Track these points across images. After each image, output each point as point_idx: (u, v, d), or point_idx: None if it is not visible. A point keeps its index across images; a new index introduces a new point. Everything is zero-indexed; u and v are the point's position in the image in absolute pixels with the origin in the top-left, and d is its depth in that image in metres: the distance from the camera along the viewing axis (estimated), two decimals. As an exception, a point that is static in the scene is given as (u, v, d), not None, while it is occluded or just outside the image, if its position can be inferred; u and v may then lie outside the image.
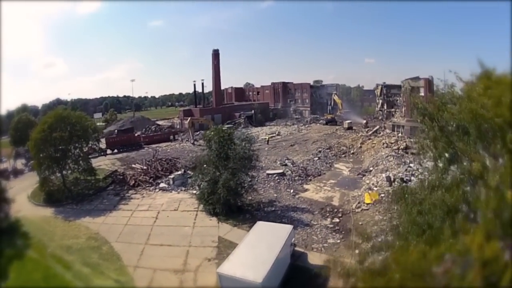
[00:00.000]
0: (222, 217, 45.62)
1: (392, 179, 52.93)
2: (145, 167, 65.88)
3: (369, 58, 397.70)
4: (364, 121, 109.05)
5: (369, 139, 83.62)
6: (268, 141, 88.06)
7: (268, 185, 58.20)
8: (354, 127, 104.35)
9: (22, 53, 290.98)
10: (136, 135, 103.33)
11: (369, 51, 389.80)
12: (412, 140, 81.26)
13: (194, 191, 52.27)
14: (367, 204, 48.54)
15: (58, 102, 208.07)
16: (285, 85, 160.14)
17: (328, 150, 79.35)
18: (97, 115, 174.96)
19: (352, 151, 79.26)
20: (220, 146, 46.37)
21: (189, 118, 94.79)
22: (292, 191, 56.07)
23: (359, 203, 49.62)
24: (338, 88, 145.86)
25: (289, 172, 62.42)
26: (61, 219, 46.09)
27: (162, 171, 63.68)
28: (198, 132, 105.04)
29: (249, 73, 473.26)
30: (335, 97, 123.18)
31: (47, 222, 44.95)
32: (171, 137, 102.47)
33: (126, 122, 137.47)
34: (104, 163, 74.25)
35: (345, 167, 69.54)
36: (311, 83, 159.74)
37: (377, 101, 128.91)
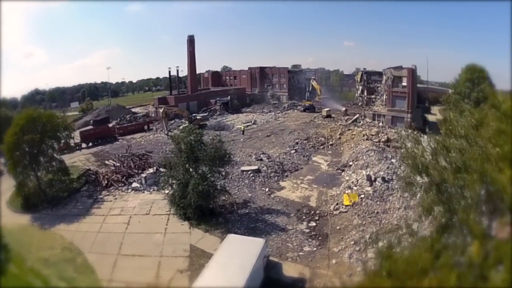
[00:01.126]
0: (194, 221, 43.42)
1: (373, 178, 50.45)
2: (118, 164, 63.76)
3: (349, 41, 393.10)
4: (344, 109, 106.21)
5: (349, 129, 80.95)
6: (243, 131, 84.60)
7: (243, 183, 55.28)
8: (333, 115, 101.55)
9: (2, 45, 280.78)
10: (110, 126, 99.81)
11: (349, 34, 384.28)
12: (393, 131, 79.38)
13: (167, 191, 49.35)
14: (346, 206, 46.23)
15: (36, 93, 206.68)
16: (262, 70, 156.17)
17: (306, 141, 76.48)
18: (74, 104, 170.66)
19: (330, 143, 76.62)
20: (189, 148, 43.14)
21: (163, 108, 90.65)
22: (267, 190, 53.41)
23: (337, 204, 47.38)
24: (316, 73, 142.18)
25: (265, 168, 59.41)
26: (37, 227, 45.22)
27: (135, 168, 61.36)
28: (173, 121, 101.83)
29: (228, 57, 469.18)
30: (314, 83, 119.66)
31: (24, 231, 43.93)
32: (146, 127, 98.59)
33: (101, 111, 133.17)
34: (79, 159, 71.34)
35: (323, 161, 67.11)
36: (289, 68, 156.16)
37: (357, 87, 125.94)
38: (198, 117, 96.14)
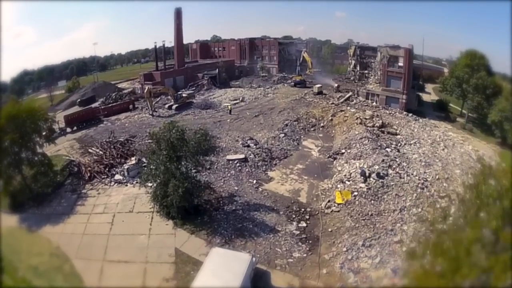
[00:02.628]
0: (178, 221, 41.19)
1: (367, 174, 47.82)
2: (100, 152, 61.50)
3: (340, 11, 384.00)
4: (336, 85, 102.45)
5: (341, 110, 77.69)
6: (230, 110, 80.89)
7: (229, 174, 52.31)
8: (324, 91, 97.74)
9: None
10: (94, 107, 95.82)
11: (341, 5, 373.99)
12: (387, 112, 76.65)
13: (150, 184, 45.56)
14: (338, 204, 43.64)
15: (25, 74, 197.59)
16: (252, 41, 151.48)
17: (296, 123, 73.36)
18: (61, 83, 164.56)
19: (321, 124, 73.64)
20: (170, 147, 39.87)
21: (147, 88, 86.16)
22: (255, 182, 50.63)
23: (329, 201, 44.84)
24: (308, 45, 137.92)
25: (252, 156, 56.38)
26: (25, 230, 44.41)
27: (118, 158, 59.10)
28: (159, 98, 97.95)
29: (217, 26, 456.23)
30: (305, 55, 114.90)
31: (13, 235, 42.87)
32: (131, 106, 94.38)
33: (88, 89, 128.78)
34: (64, 146, 68.28)
35: (314, 146, 64.49)
36: (280, 40, 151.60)
37: (350, 61, 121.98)
38: (184, 95, 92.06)
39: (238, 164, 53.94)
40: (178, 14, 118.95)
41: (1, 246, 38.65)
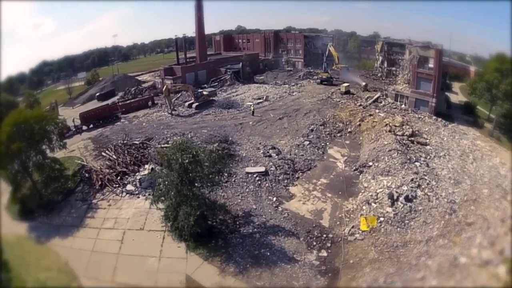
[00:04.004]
0: (191, 243, 39.02)
1: (395, 197, 44.01)
2: (114, 157, 59.30)
3: (365, 2, 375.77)
4: (363, 84, 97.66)
5: (370, 115, 73.08)
6: (253, 112, 77.04)
7: (247, 189, 49.19)
8: (352, 90, 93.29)
9: (10, 19, 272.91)
10: (112, 103, 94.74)
11: None
12: (417, 116, 72.45)
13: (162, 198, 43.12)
14: (363, 231, 40.32)
15: (44, 64, 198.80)
16: (277, 34, 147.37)
17: (322, 127, 69.43)
18: (81, 75, 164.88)
19: (349, 130, 69.48)
20: (182, 170, 36.60)
21: (165, 86, 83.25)
22: (275, 199, 47.41)
23: (353, 227, 41.46)
24: (334, 39, 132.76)
25: (273, 169, 52.99)
26: (34, 240, 43.85)
27: (131, 165, 56.74)
28: (180, 94, 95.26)
29: (242, 15, 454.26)
30: (331, 48, 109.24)
31: (22, 245, 42.82)
32: (149, 103, 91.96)
33: (107, 82, 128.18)
34: (78, 146, 67.29)
35: (340, 155, 60.58)
36: (305, 33, 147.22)
37: (377, 57, 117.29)
38: (204, 93, 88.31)
39: (257, 178, 50.73)
40: (199, 6, 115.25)
41: (8, 253, 38.59)
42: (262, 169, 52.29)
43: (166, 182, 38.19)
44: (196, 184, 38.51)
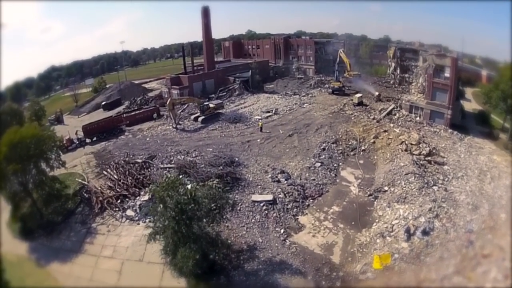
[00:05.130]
0: (192, 280, 36.23)
1: (411, 231, 40.74)
2: (115, 177, 57.30)
3: (375, 5, 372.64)
4: (377, 93, 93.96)
5: (385, 131, 69.42)
6: (261, 128, 73.57)
7: (253, 220, 45.91)
8: (365, 100, 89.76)
9: (18, 23, 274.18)
10: (116, 114, 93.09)
11: None
12: (432, 129, 69.08)
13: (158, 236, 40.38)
14: (375, 269, 36.93)
15: (53, 69, 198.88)
16: (287, 40, 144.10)
17: (334, 145, 65.85)
18: (89, 81, 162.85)
19: (362, 148, 65.87)
20: (178, 209, 33.22)
21: (169, 100, 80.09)
22: (282, 231, 43.99)
23: (365, 264, 38.26)
24: (345, 44, 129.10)
25: (281, 196, 49.64)
26: (34, 262, 43.74)
27: (131, 187, 54.40)
28: (186, 106, 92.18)
29: (252, 20, 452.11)
30: (342, 55, 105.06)
31: (22, 266, 42.70)
32: (155, 115, 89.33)
33: (114, 90, 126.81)
34: (80, 161, 65.73)
35: (353, 177, 57.09)
36: (316, 39, 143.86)
37: (389, 63, 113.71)
38: (211, 105, 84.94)
39: (264, 207, 47.38)
40: (205, 12, 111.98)
41: (9, 273, 38.66)
42: (270, 197, 48.86)
43: (161, 219, 35.17)
44: (194, 223, 35.13)
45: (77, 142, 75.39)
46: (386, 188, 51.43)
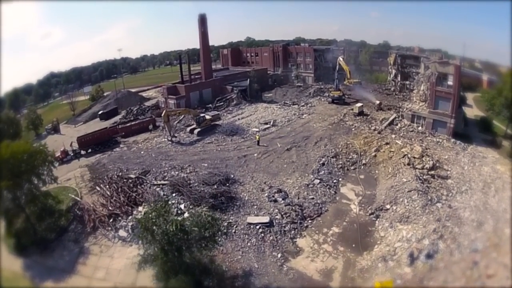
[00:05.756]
0: None
1: (415, 256, 38.65)
2: (108, 193, 55.88)
3: (375, 11, 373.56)
4: (378, 102, 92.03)
5: (386, 143, 67.55)
6: (258, 141, 71.46)
7: (248, 243, 43.57)
8: (365, 109, 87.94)
9: (18, 28, 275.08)
10: (112, 125, 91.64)
11: (375, 4, 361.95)
12: (435, 140, 67.28)
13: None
14: (377, 295, 34.87)
15: (52, 76, 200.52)
16: (285, 48, 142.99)
17: (334, 160, 63.71)
18: (87, 89, 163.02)
19: (363, 161, 63.66)
20: (166, 240, 31.03)
21: (164, 111, 78.03)
22: (279, 255, 41.69)
23: None
24: (345, 51, 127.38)
25: (278, 217, 47.26)
26: (29, 280, 42.83)
27: (124, 205, 52.65)
28: (182, 117, 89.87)
29: (251, 26, 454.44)
30: (341, 62, 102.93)
31: (18, 283, 42.03)
32: (150, 126, 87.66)
33: (111, 99, 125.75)
34: (75, 174, 64.48)
35: (354, 194, 54.91)
36: (315, 46, 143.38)
37: (390, 70, 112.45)
38: (207, 117, 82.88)
39: (260, 230, 45.00)
40: (202, 20, 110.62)
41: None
42: (266, 219, 46.45)
43: (150, 248, 33.23)
44: (184, 253, 33.03)
45: (72, 154, 74.44)
46: (388, 206, 49.24)
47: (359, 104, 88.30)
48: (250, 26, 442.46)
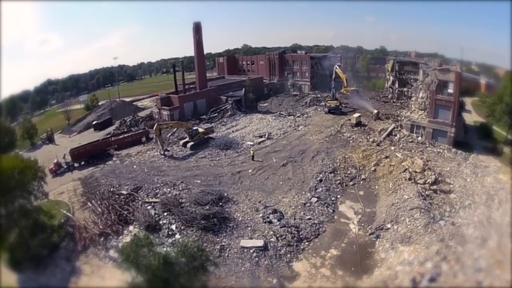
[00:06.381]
0: None
1: (417, 281, 36.38)
2: (99, 209, 54.68)
3: (370, 16, 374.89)
4: (375, 111, 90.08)
5: (386, 157, 65.74)
6: (253, 156, 69.23)
7: (242, 267, 41.22)
8: (363, 119, 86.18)
9: (17, 35, 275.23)
10: (104, 138, 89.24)
11: (370, 8, 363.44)
12: (435, 150, 66.12)
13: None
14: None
15: (49, 83, 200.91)
16: (282, 56, 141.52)
17: (332, 175, 61.66)
18: (83, 98, 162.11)
19: (362, 177, 61.66)
20: (150, 274, 28.79)
21: (156, 125, 75.54)
22: (275, 281, 39.43)
23: None
24: (342, 59, 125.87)
25: (273, 240, 44.93)
26: None
27: (114, 224, 51.08)
28: (175, 129, 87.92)
29: (247, 33, 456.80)
30: (338, 70, 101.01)
31: None
32: (143, 138, 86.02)
33: (105, 109, 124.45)
34: (67, 188, 63.13)
35: (353, 213, 52.84)
36: (312, 54, 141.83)
37: (387, 77, 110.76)
38: (200, 130, 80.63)
39: (255, 254, 42.64)
40: (197, 29, 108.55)
41: None
42: (260, 242, 43.98)
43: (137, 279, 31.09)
44: (172, 284, 30.87)
45: (65, 167, 73.41)
46: (389, 225, 47.17)
47: (356, 114, 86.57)
48: (247, 33, 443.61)
